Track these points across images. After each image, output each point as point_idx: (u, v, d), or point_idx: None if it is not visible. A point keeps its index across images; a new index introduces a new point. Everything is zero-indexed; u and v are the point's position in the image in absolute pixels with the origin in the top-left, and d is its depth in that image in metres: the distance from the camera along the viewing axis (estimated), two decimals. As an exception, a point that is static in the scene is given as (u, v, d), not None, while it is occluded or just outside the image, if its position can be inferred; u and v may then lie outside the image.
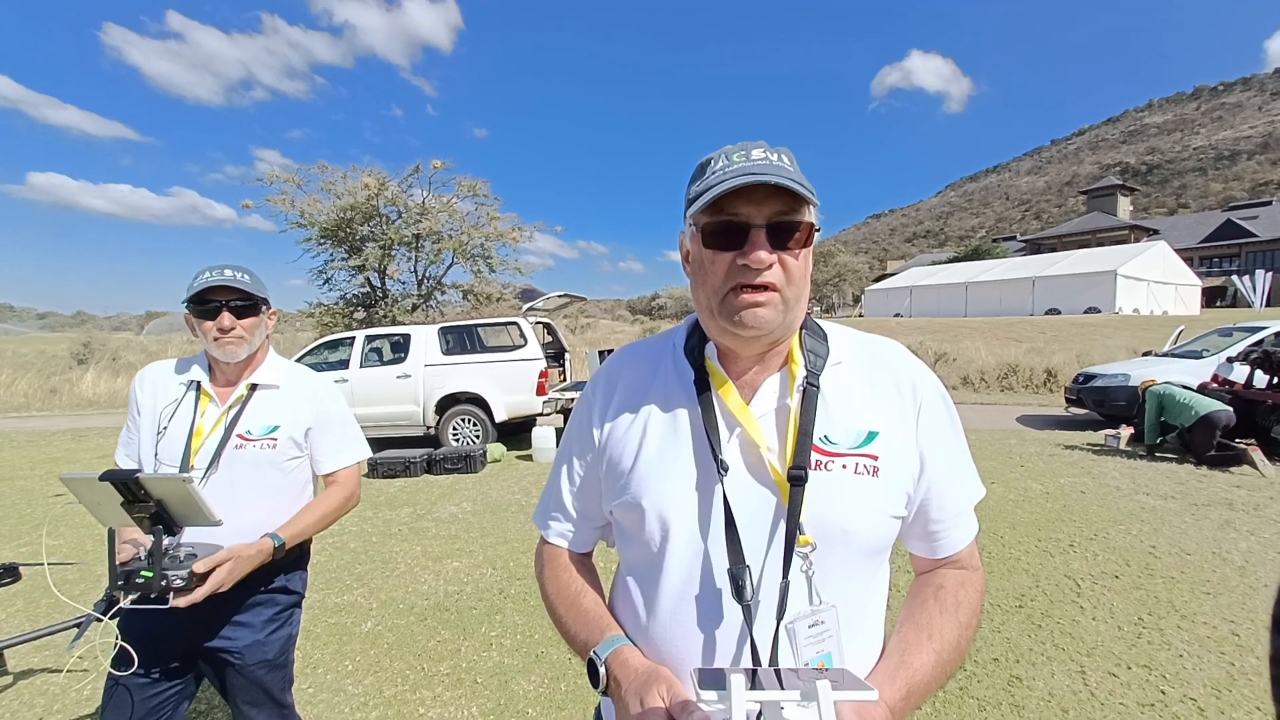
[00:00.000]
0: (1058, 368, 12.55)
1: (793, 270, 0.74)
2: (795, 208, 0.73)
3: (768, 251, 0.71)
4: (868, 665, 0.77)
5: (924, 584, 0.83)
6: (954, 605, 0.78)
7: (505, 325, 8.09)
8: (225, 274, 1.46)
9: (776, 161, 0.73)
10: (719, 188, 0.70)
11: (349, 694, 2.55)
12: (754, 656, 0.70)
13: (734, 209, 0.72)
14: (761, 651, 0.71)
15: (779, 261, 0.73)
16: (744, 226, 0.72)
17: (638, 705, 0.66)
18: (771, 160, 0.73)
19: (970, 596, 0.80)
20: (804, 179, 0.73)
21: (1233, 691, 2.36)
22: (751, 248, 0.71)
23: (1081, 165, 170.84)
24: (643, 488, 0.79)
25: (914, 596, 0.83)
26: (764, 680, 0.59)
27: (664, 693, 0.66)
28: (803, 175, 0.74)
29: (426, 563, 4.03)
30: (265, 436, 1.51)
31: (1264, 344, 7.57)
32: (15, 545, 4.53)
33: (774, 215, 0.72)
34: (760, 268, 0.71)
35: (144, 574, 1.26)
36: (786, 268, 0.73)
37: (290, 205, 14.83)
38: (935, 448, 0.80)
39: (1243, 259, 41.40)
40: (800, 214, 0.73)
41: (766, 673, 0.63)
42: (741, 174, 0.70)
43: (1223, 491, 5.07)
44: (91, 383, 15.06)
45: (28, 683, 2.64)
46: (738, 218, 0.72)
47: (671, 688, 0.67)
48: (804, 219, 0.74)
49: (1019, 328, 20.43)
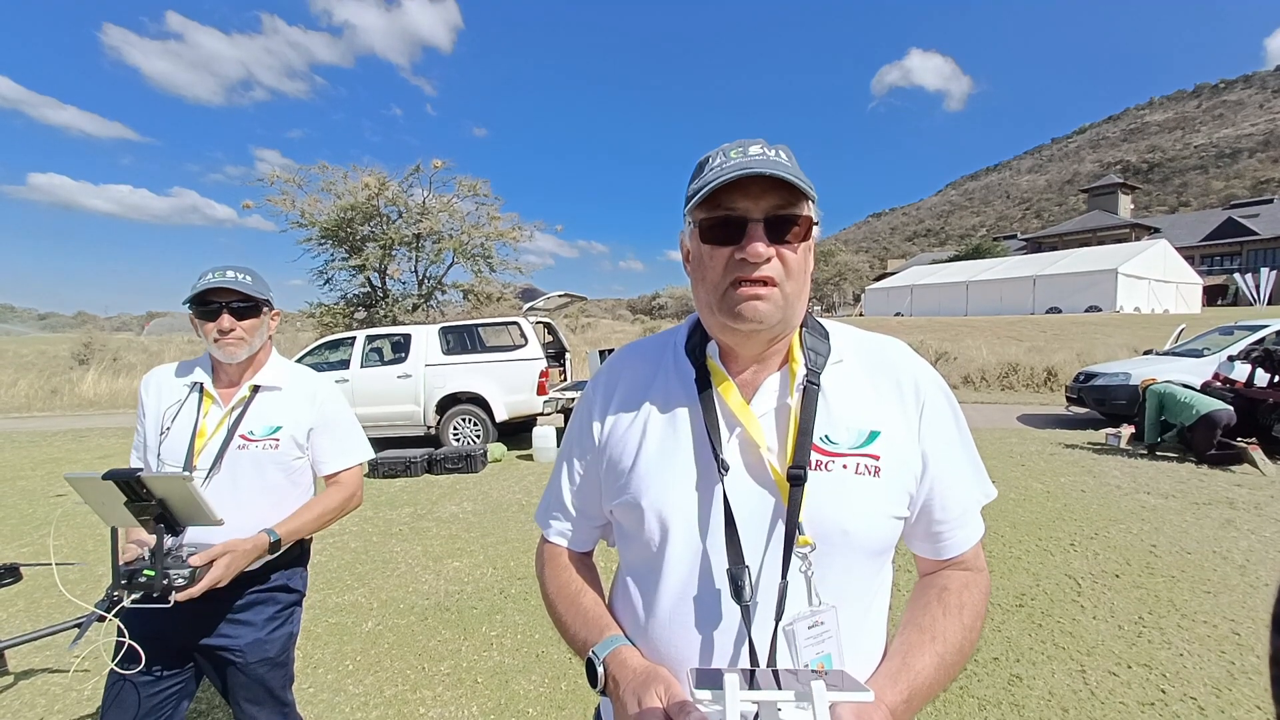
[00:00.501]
0: (1058, 366, 12.55)
1: (791, 264, 0.73)
2: (793, 201, 0.73)
3: (765, 245, 0.71)
4: (870, 666, 0.77)
5: (928, 585, 0.83)
6: (958, 607, 0.78)
7: (506, 325, 8.10)
8: (227, 275, 1.47)
9: (774, 157, 0.73)
10: (715, 182, 0.71)
11: (350, 693, 2.55)
12: (752, 657, 0.70)
13: (731, 203, 0.72)
14: (760, 652, 0.70)
15: (778, 255, 0.72)
16: (741, 220, 0.72)
17: (635, 705, 0.66)
18: (769, 155, 0.73)
19: (974, 598, 0.80)
20: (801, 173, 0.73)
21: (1233, 690, 2.36)
22: (749, 241, 0.71)
23: (1082, 163, 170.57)
24: (642, 487, 0.78)
25: (917, 598, 0.82)
26: (761, 681, 0.59)
27: (661, 693, 0.66)
28: (801, 170, 0.74)
29: (427, 562, 4.04)
30: (268, 437, 1.52)
31: (1265, 342, 7.56)
32: (17, 545, 4.54)
33: (771, 209, 0.72)
34: (758, 261, 0.71)
35: (146, 573, 1.26)
36: (785, 261, 0.73)
37: (291, 205, 14.84)
38: (938, 448, 0.79)
39: (1244, 257, 41.33)
40: (798, 208, 0.73)
41: (764, 673, 0.63)
42: (738, 168, 0.70)
43: (1223, 490, 5.07)
44: (92, 383, 15.08)
45: (29, 683, 2.65)
46: (735, 212, 0.72)
47: (669, 688, 0.66)
48: (802, 212, 0.73)
49: (1020, 326, 20.42)
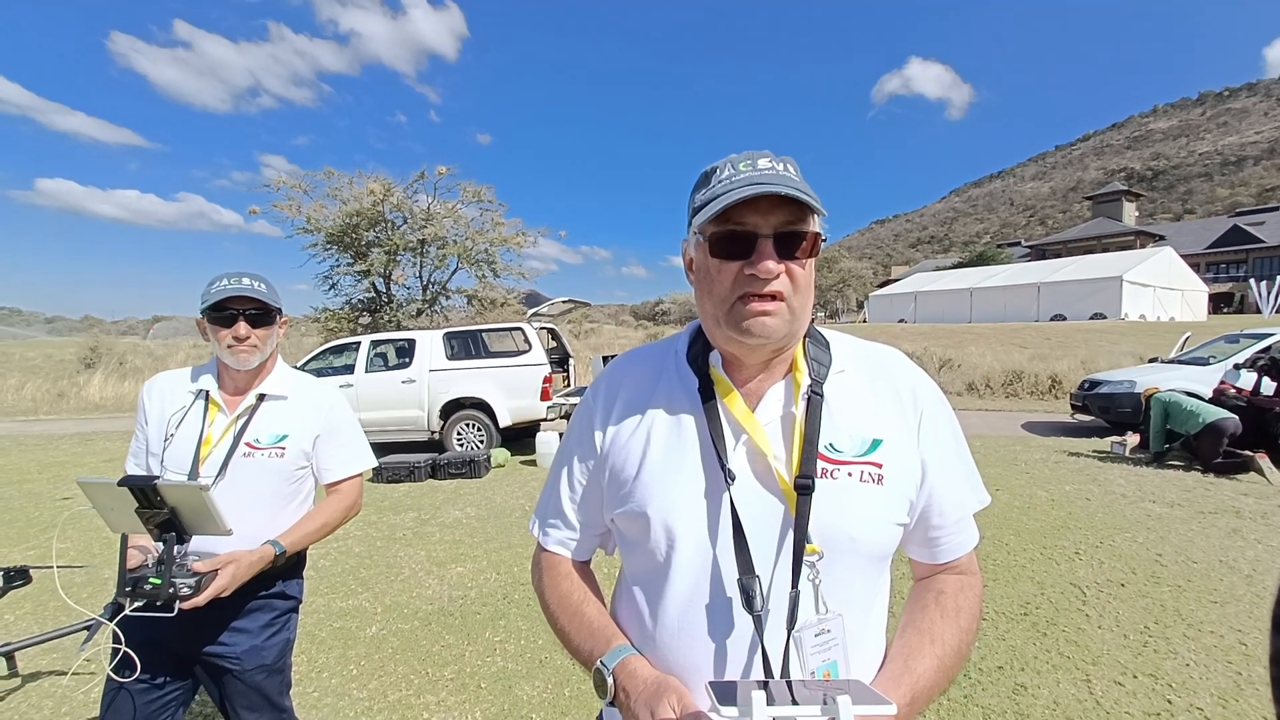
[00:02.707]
0: (1063, 374, 12.47)
1: (799, 279, 0.74)
2: (802, 217, 0.73)
3: (775, 261, 0.72)
4: (871, 671, 0.78)
5: (924, 589, 0.84)
6: (954, 610, 0.79)
7: (510, 330, 8.13)
8: (243, 283, 1.48)
9: (783, 171, 0.73)
10: (727, 198, 0.70)
11: (353, 698, 2.56)
12: (765, 667, 0.70)
13: (741, 219, 0.72)
14: (773, 661, 0.70)
15: (786, 271, 0.73)
16: (751, 236, 0.72)
17: (648, 716, 0.66)
18: (778, 170, 0.73)
19: (970, 601, 0.81)
20: (810, 189, 0.73)
21: (1239, 701, 2.35)
22: (759, 258, 0.71)
23: (1086, 171, 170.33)
24: (648, 496, 0.78)
25: (914, 601, 0.83)
26: (775, 692, 0.59)
27: (675, 704, 0.65)
28: (808, 185, 0.75)
29: (431, 567, 4.04)
30: (274, 445, 1.53)
31: (1271, 350, 7.52)
32: (24, 548, 4.56)
33: (781, 225, 0.73)
34: (768, 277, 0.71)
35: (152, 581, 1.26)
36: (793, 277, 0.74)
37: (296, 211, 14.93)
38: (936, 455, 0.80)
39: (1250, 264, 41.19)
40: (807, 224, 0.74)
41: (778, 685, 0.63)
42: (749, 184, 0.70)
43: (1230, 499, 5.04)
44: (99, 387, 15.14)
45: (36, 685, 2.66)
46: (745, 227, 0.73)
47: (682, 699, 0.66)
48: (810, 229, 0.74)
49: (1024, 334, 20.34)
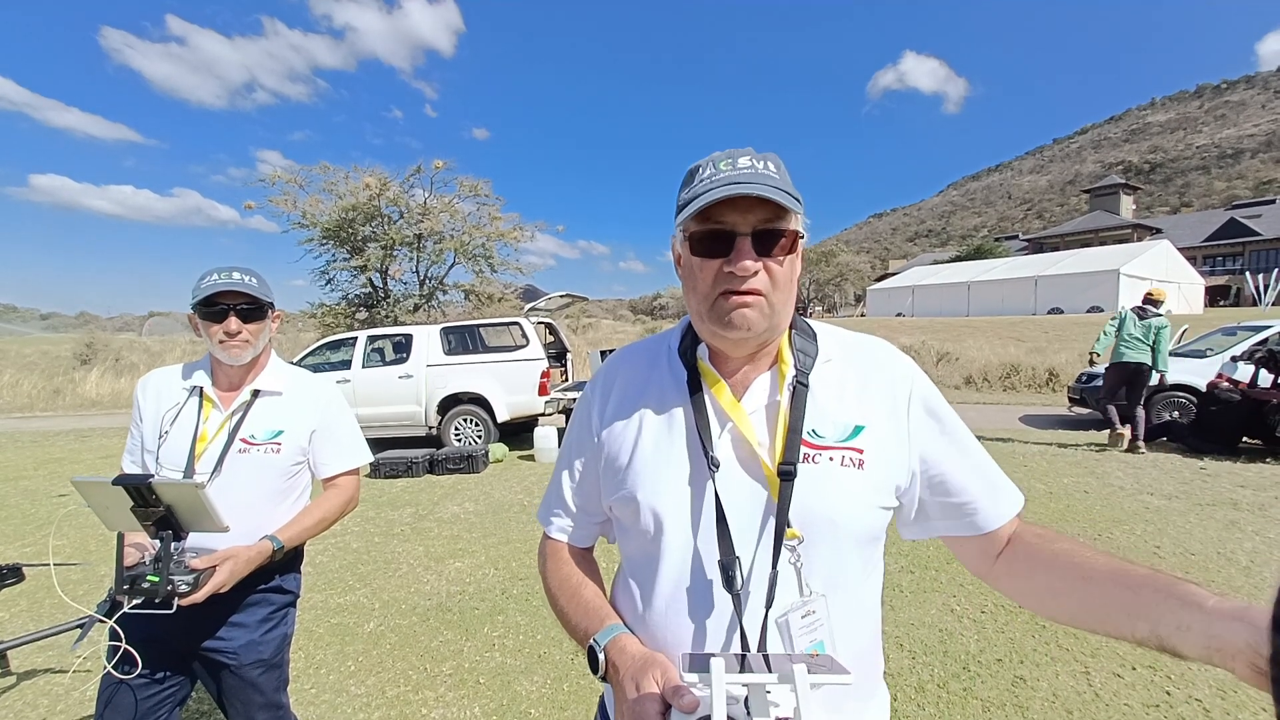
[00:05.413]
0: (1060, 367, 12.52)
1: (778, 276, 0.76)
2: (780, 216, 0.75)
3: (753, 259, 0.73)
4: (863, 650, 0.80)
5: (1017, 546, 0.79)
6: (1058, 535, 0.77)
7: (507, 325, 8.10)
8: (234, 277, 1.46)
9: (763, 169, 0.75)
10: (705, 198, 0.72)
11: (351, 694, 2.55)
12: (743, 643, 0.74)
13: (720, 217, 0.74)
14: (751, 638, 0.74)
15: (764, 268, 0.75)
16: (730, 234, 0.74)
17: (634, 690, 0.69)
18: (758, 168, 0.75)
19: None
20: (790, 186, 0.75)
21: (1238, 693, 2.35)
22: (738, 256, 0.73)
23: (1084, 164, 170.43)
24: (638, 483, 0.82)
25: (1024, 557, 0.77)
26: (753, 664, 0.63)
27: (658, 677, 0.69)
28: (790, 182, 0.76)
29: (429, 563, 4.04)
30: (269, 441, 1.51)
31: (1268, 343, 7.53)
32: (19, 545, 4.54)
33: (759, 223, 0.74)
34: (746, 275, 0.73)
35: (150, 578, 1.26)
36: (772, 274, 0.75)
37: (292, 206, 14.87)
38: (932, 435, 0.81)
39: (1246, 258, 41.27)
40: (785, 222, 0.75)
41: (756, 657, 0.67)
42: (727, 184, 0.72)
43: (1228, 491, 5.06)
44: (95, 383, 15.10)
45: (31, 683, 2.65)
46: (724, 226, 0.74)
47: (666, 673, 0.69)
48: (789, 227, 0.76)
49: (1021, 327, 20.38)
